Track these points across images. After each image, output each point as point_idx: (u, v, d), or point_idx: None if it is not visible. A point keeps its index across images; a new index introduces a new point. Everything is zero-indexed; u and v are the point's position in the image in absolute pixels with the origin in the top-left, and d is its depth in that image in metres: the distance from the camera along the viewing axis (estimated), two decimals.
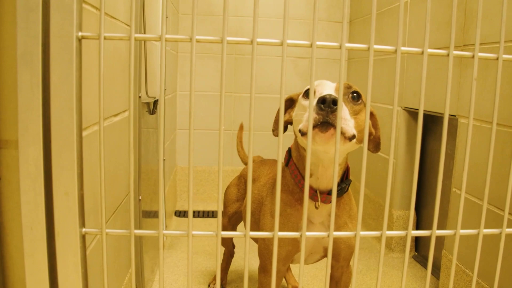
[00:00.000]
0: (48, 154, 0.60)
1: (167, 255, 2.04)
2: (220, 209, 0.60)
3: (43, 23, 0.57)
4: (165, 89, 2.07)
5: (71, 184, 0.62)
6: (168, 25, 2.13)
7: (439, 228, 1.97)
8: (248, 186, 0.58)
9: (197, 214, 2.71)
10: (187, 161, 2.97)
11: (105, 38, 0.57)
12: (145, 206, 1.53)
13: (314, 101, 0.80)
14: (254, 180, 1.34)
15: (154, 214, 1.74)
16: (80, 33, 0.58)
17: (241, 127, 1.74)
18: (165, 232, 0.63)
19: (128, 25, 1.18)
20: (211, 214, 2.71)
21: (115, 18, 1.07)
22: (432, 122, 2.04)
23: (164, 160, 2.11)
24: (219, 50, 2.78)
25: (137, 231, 0.63)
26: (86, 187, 0.88)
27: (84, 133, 0.88)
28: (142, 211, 1.48)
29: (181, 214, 2.68)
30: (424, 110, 1.89)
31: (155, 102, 1.68)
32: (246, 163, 1.61)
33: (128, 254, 1.22)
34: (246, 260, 0.61)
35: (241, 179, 1.54)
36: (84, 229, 0.64)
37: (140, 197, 1.40)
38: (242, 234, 0.62)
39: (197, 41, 0.58)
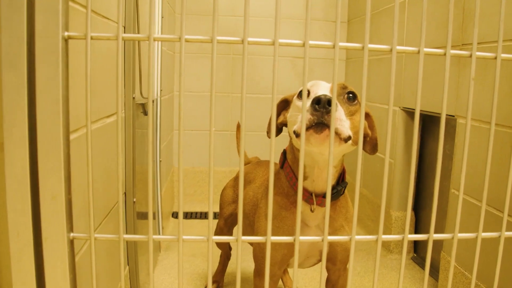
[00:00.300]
0: (35, 157, 0.59)
1: (164, 257, 2.02)
2: (210, 212, 0.58)
3: (28, 23, 0.56)
4: (161, 90, 2.05)
5: (58, 187, 0.60)
6: (164, 25, 2.11)
7: (438, 228, 1.94)
8: (240, 189, 0.56)
9: (195, 215, 2.69)
10: (185, 162, 2.95)
11: (92, 38, 0.56)
12: (140, 208, 1.51)
13: (309, 102, 0.78)
14: (249, 182, 1.32)
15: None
16: (66, 33, 0.57)
17: (239, 127, 1.72)
18: (154, 237, 0.61)
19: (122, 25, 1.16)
20: None
21: (107, 18, 1.05)
22: (430, 122, 2.03)
23: (160, 161, 2.10)
24: (217, 50, 2.76)
25: (127, 236, 0.62)
26: (78, 190, 0.86)
27: (76, 135, 0.86)
28: (138, 213, 1.46)
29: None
30: (422, 111, 1.89)
31: None
32: (246, 163, 1.60)
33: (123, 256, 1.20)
34: (238, 263, 0.60)
35: (238, 180, 1.53)
36: (72, 234, 0.63)
37: (134, 199, 1.38)
38: (234, 239, 0.61)
39: (187, 40, 0.56)
